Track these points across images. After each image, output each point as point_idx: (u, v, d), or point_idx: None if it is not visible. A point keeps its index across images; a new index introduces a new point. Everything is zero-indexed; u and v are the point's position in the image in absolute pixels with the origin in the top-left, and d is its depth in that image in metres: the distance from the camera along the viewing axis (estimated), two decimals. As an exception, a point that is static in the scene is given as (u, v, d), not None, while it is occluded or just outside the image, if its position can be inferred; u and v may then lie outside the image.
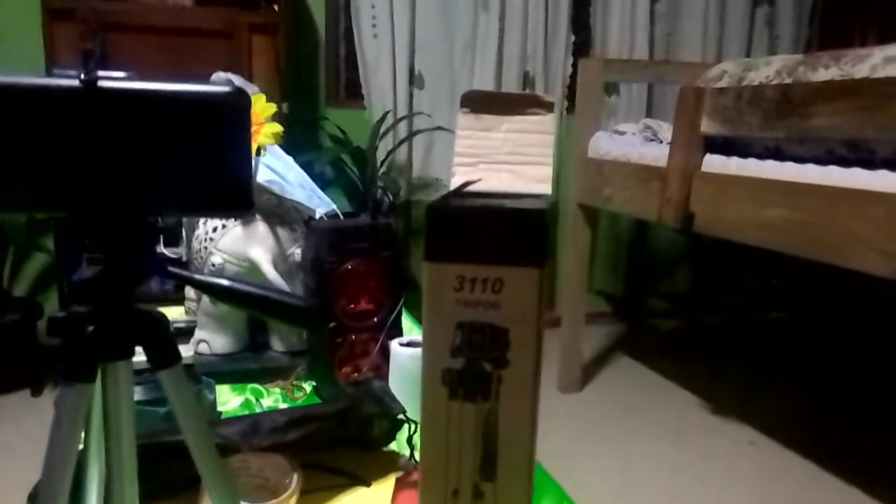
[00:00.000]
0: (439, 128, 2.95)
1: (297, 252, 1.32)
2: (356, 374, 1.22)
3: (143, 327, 0.56)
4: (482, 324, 0.59)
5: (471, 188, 0.66)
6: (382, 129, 2.91)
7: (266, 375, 1.30)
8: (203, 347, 1.31)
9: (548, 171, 0.70)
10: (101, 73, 0.51)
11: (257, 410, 1.19)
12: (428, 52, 3.09)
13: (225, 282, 0.58)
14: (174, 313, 1.64)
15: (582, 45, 3.36)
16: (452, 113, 3.16)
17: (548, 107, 0.71)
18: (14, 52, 2.64)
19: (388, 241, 1.25)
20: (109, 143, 0.50)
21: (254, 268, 1.27)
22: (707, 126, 1.90)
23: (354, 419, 0.91)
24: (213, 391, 1.15)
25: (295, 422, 0.87)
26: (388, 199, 2.98)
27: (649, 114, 3.34)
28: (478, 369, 0.60)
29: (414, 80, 3.09)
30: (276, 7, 2.52)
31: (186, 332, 1.35)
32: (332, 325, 1.20)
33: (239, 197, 0.54)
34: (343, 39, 3.15)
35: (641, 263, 3.63)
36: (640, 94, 3.33)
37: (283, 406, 1.22)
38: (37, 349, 2.60)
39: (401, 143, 3.00)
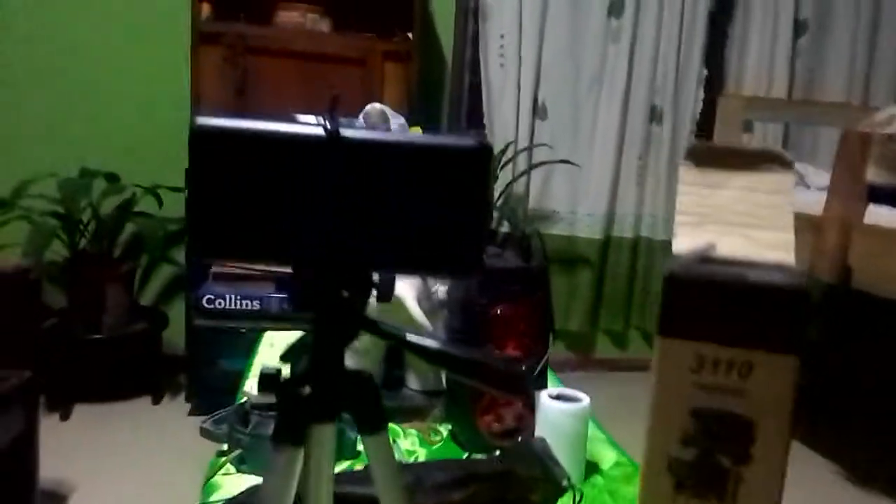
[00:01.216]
0: (564, 161, 2.88)
1: (440, 290, 1.28)
2: (498, 424, 1.16)
3: (354, 390, 0.52)
4: (723, 412, 0.52)
5: (704, 252, 0.58)
6: (503, 160, 2.87)
7: (402, 414, 1.25)
8: (341, 380, 1.28)
9: (789, 238, 0.62)
10: (341, 121, 0.48)
11: (395, 454, 1.15)
12: (553, 82, 3.04)
13: (436, 344, 0.54)
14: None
15: (713, 79, 3.21)
16: (574, 144, 3.08)
17: (787, 164, 0.63)
18: (162, 71, 2.79)
19: (540, 285, 1.19)
20: (346, 195, 0.47)
21: (398, 304, 1.23)
22: (874, 174, 1.74)
23: (516, 482, 0.84)
24: (354, 430, 1.11)
25: (458, 481, 0.81)
26: (508, 230, 2.93)
27: (784, 154, 3.14)
28: (713, 463, 0.52)
29: (537, 110, 3.04)
30: (410, 35, 2.54)
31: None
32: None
33: (469, 257, 0.49)
34: (468, 69, 3.14)
35: (766, 312, 3.40)
36: (776, 134, 3.14)
37: (420, 450, 1.18)
38: (160, 359, 2.70)
39: (522, 174, 2.95)
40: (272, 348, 1.68)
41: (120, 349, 2.62)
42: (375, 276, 0.52)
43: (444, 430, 1.23)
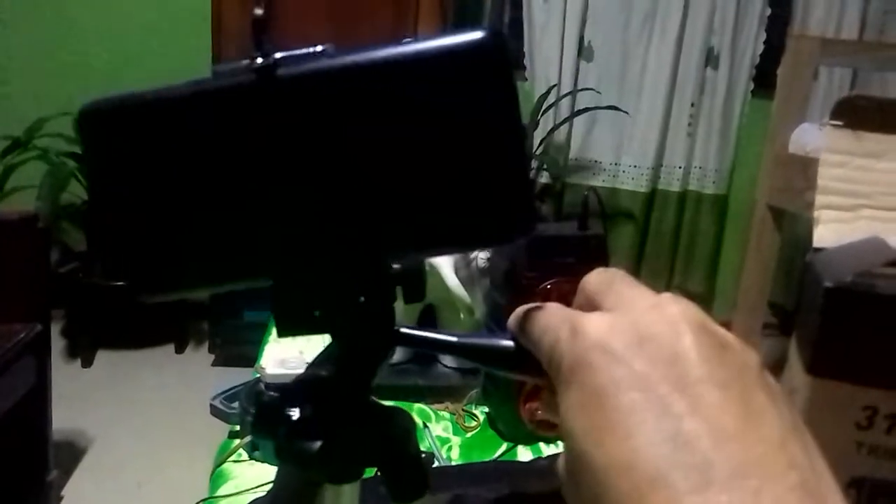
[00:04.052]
0: (611, 107, 2.67)
1: (480, 257, 1.14)
2: (543, 413, 1.03)
3: (382, 439, 0.38)
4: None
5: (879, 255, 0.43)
6: (545, 105, 2.66)
7: (434, 394, 1.13)
8: (367, 355, 1.15)
9: None
10: (279, 54, 0.31)
11: (426, 438, 1.03)
12: (601, 20, 2.79)
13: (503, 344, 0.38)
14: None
15: (776, 19, 2.94)
16: (622, 89, 2.86)
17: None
18: (183, 6, 2.62)
19: (598, 257, 1.03)
20: (312, 161, 0.31)
21: (433, 273, 1.09)
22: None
23: None
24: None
25: (504, 502, 0.68)
26: (546, 180, 2.76)
27: (851, 103, 2.88)
28: (875, 554, 0.38)
29: (582, 51, 2.81)
30: (447, -35, 2.33)
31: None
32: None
33: (513, 210, 0.32)
34: (509, 3, 2.90)
35: (818, 273, 3.19)
36: (843, 80, 2.88)
37: (454, 438, 1.05)
38: (184, 307, 2.61)
39: (564, 121, 2.74)
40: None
41: (141, 296, 2.54)
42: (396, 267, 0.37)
43: (481, 414, 1.10)
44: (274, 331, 1.43)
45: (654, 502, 0.20)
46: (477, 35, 0.29)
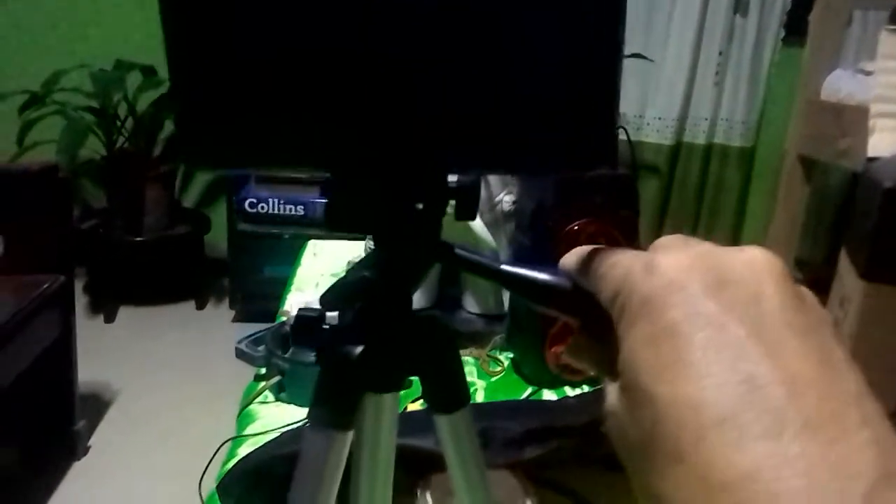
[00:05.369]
0: (636, 55, 2.59)
1: (505, 199, 1.11)
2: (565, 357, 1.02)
3: (423, 347, 0.36)
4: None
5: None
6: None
7: (458, 340, 1.12)
8: (391, 299, 1.14)
9: None
10: None
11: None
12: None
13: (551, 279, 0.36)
14: (354, 251, 1.50)
15: (808, -36, 2.82)
16: (647, 38, 2.78)
17: None
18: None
19: (628, 198, 1.00)
20: (404, 47, 0.29)
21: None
22: None
23: (606, 436, 0.70)
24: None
25: (533, 435, 0.67)
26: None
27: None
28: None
29: (606, -1, 2.73)
30: None
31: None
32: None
33: (597, 136, 0.30)
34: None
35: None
36: (878, 25, 2.77)
37: (479, 381, 1.04)
38: (203, 262, 2.62)
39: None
40: (315, 258, 1.55)
41: (162, 252, 2.55)
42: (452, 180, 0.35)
43: (505, 359, 1.09)
44: (295, 282, 1.41)
45: (719, 441, 0.19)
46: None
